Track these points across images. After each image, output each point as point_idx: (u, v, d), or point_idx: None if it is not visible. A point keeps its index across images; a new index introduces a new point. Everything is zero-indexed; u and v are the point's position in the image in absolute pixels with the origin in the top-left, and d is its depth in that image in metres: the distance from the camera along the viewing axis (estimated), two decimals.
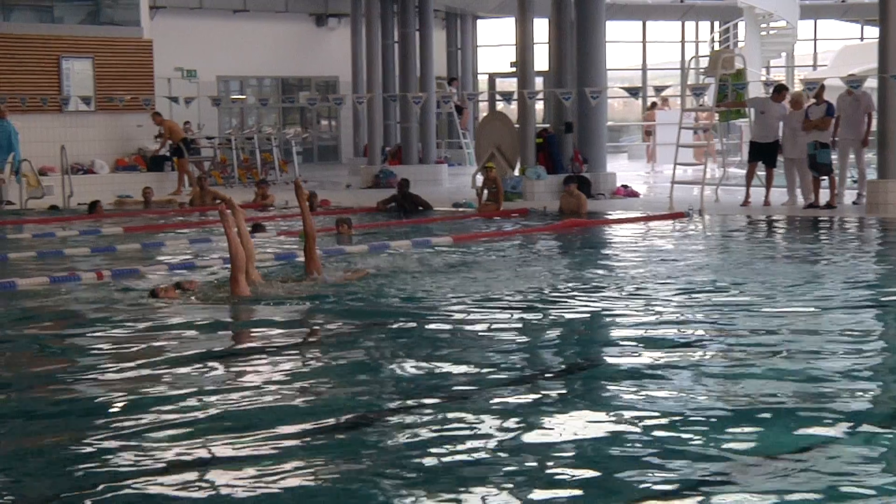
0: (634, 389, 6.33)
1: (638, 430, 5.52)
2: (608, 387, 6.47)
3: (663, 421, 5.65)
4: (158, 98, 24.79)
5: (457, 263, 11.91)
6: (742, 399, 6.08)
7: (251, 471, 5.01)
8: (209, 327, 8.59)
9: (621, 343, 7.84)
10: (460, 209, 18.77)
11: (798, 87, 22.58)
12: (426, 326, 8.44)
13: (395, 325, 8.54)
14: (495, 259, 12.48)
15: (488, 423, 5.67)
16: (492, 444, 5.35)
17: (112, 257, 13.28)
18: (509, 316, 8.84)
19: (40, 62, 23.00)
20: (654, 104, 32.71)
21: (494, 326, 8.39)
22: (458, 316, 8.81)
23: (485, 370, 6.92)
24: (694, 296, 9.58)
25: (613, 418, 5.76)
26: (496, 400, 6.16)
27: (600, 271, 11.48)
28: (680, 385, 6.41)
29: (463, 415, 5.84)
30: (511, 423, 5.69)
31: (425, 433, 5.54)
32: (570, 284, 10.47)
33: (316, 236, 10.68)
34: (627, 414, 5.81)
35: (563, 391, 6.43)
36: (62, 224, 17.70)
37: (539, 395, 6.29)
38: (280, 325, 8.64)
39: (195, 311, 9.19)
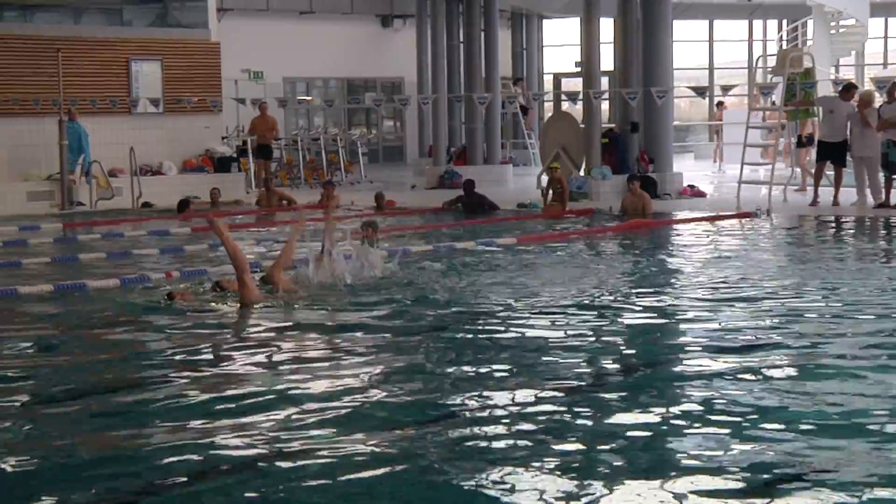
0: (695, 396, 6.23)
1: (696, 439, 5.45)
2: (670, 392, 6.39)
3: (723, 431, 5.57)
4: (226, 100, 24.99)
5: (520, 265, 11.88)
6: (805, 413, 5.89)
7: (309, 473, 5.04)
8: (248, 329, 8.63)
9: (685, 348, 7.73)
10: (525, 210, 18.73)
11: (868, 86, 22.26)
12: (486, 328, 8.41)
13: (453, 328, 8.51)
14: (560, 260, 12.44)
15: (549, 428, 5.65)
16: (552, 448, 5.32)
17: (181, 258, 13.41)
18: (573, 318, 8.76)
19: (110, 65, 23.26)
20: (720, 103, 32.43)
21: (556, 329, 8.32)
22: (518, 318, 8.76)
23: (547, 373, 6.88)
24: (761, 299, 9.42)
25: (672, 424, 5.70)
26: (558, 401, 6.13)
27: (665, 273, 11.39)
28: (745, 396, 6.26)
29: (523, 419, 5.81)
30: (571, 427, 5.66)
31: (482, 438, 5.53)
32: (634, 287, 10.39)
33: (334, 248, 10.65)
34: (685, 420, 5.76)
35: (624, 396, 6.32)
36: (132, 224, 17.94)
37: (599, 400, 6.22)
38: (327, 328, 8.65)
39: (224, 315, 9.21)
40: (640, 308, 9.22)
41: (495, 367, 7.07)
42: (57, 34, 22.53)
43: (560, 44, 36.40)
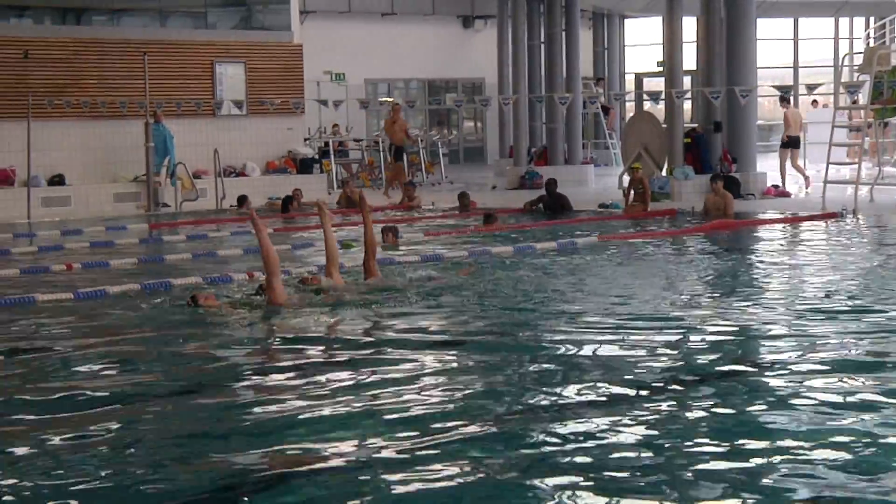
0: (778, 403, 6.12)
1: (775, 446, 5.37)
2: (752, 398, 6.29)
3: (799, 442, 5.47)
4: (308, 101, 25.20)
5: (600, 266, 11.81)
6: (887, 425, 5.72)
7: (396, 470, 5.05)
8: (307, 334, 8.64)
9: (767, 354, 7.57)
10: (606, 210, 18.64)
11: None
12: (562, 330, 8.35)
13: (530, 330, 8.49)
14: (641, 261, 12.35)
15: (628, 430, 5.62)
16: (631, 451, 5.29)
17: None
18: (652, 321, 8.66)
19: (195, 67, 23.59)
20: (815, 101, 32.05)
21: (635, 331, 8.23)
22: (597, 320, 8.68)
23: (624, 376, 6.82)
24: (845, 302, 9.22)
25: (751, 430, 5.62)
26: (639, 405, 6.09)
27: (747, 275, 11.25)
28: (829, 404, 6.13)
29: (600, 421, 5.77)
30: (651, 430, 5.62)
31: (565, 439, 5.51)
32: (714, 289, 10.28)
33: (375, 247, 10.55)
34: (765, 427, 5.67)
35: (703, 402, 6.23)
36: (216, 225, 18.16)
37: (678, 405, 6.16)
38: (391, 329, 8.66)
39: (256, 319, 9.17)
40: (721, 311, 9.11)
41: (569, 370, 7.04)
42: (143, 38, 22.90)
43: (642, 43, 36.17)
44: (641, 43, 36.20)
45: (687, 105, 24.64)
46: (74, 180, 22.03)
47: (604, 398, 6.27)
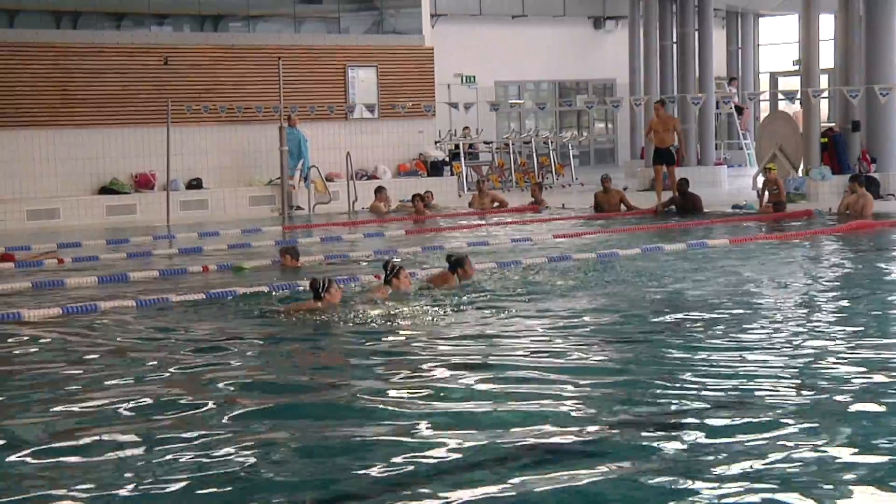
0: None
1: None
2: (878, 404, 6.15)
3: None
4: (438, 104, 25.32)
5: (733, 266, 11.64)
6: None
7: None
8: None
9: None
10: (740, 211, 18.36)
11: None
12: (698, 330, 8.28)
13: (661, 327, 8.41)
14: (776, 263, 12.14)
15: (758, 432, 5.53)
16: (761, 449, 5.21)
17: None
18: (788, 322, 8.53)
19: (328, 72, 23.91)
20: None
21: (771, 332, 8.11)
22: (727, 320, 8.57)
23: (755, 378, 6.72)
24: None
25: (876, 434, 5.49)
26: (770, 409, 6.00)
27: (886, 279, 10.97)
28: None
29: (733, 424, 5.71)
30: (781, 431, 5.52)
31: (694, 438, 5.45)
32: (852, 290, 10.05)
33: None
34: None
35: (841, 409, 6.11)
36: (349, 228, 18.37)
37: (806, 407, 6.05)
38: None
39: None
40: (857, 314, 8.91)
41: (703, 371, 6.96)
42: (278, 43, 23.29)
43: (777, 41, 35.52)
44: (776, 41, 35.55)
45: (823, 104, 24.11)
46: (211, 184, 22.51)
47: (737, 402, 6.19)
